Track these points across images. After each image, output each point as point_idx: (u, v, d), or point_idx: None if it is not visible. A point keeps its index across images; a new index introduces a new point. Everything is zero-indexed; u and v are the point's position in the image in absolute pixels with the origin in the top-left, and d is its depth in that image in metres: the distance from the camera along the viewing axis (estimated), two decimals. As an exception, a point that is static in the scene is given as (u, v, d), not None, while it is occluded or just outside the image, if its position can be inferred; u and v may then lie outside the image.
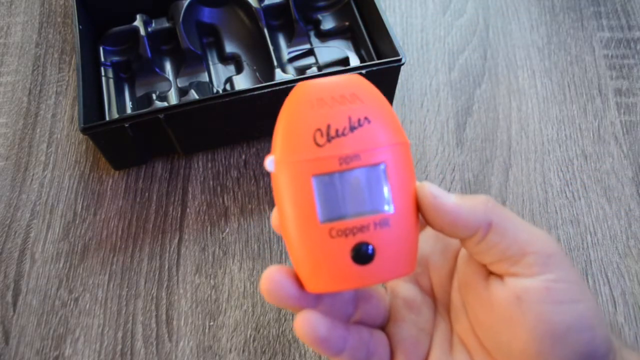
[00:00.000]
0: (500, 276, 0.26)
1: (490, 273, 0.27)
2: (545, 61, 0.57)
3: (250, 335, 0.43)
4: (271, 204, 0.49)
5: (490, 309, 0.26)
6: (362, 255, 0.25)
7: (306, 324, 0.25)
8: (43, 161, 0.52)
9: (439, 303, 0.30)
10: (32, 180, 0.51)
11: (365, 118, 0.25)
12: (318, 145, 0.25)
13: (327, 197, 0.25)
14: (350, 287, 0.26)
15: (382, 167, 0.25)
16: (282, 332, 0.43)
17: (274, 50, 0.52)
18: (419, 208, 0.26)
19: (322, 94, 0.26)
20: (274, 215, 0.27)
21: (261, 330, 0.43)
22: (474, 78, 0.56)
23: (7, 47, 0.59)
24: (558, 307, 0.24)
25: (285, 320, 0.44)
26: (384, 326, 0.30)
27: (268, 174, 0.50)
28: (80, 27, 0.51)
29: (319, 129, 0.25)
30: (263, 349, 0.43)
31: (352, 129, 0.25)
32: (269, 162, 0.26)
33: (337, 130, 0.25)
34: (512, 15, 0.60)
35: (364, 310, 0.30)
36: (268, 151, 0.52)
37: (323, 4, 0.58)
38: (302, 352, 0.42)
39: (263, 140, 0.52)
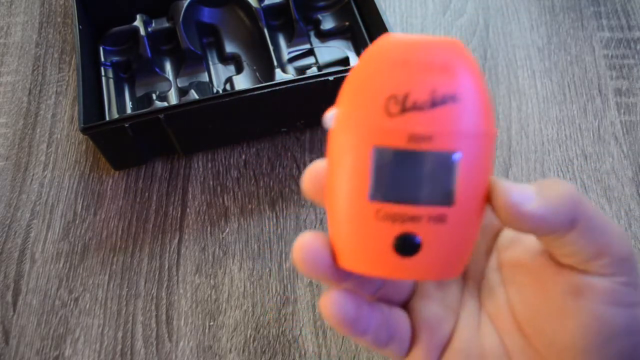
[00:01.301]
0: (564, 265, 0.24)
1: (552, 257, 0.25)
2: (545, 61, 0.57)
3: (250, 335, 0.43)
4: (271, 204, 0.49)
5: (542, 295, 0.25)
6: (405, 246, 0.22)
7: (334, 305, 0.24)
8: (43, 161, 0.52)
9: (469, 280, 0.28)
10: (32, 180, 0.51)
11: (453, 96, 0.22)
12: (389, 114, 0.22)
13: (383, 173, 0.22)
14: (386, 276, 0.23)
15: (456, 156, 0.22)
16: (282, 332, 0.43)
17: (274, 50, 0.52)
18: (493, 209, 0.23)
19: (410, 54, 0.22)
20: (308, 176, 0.24)
21: (261, 330, 0.43)
22: (474, 78, 0.56)
23: (7, 47, 0.59)
24: (617, 309, 0.23)
25: (285, 320, 0.44)
26: (407, 301, 0.28)
27: (268, 174, 0.50)
28: (80, 27, 0.51)
29: (395, 96, 0.22)
30: (263, 349, 0.43)
31: (434, 104, 0.21)
32: (329, 117, 0.23)
33: (415, 102, 0.21)
34: (512, 15, 0.60)
35: (392, 284, 0.28)
36: (268, 151, 0.52)
37: (323, 4, 0.58)
38: (302, 352, 0.42)
39: (263, 140, 0.52)
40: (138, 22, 0.55)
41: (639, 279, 0.24)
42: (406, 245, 0.22)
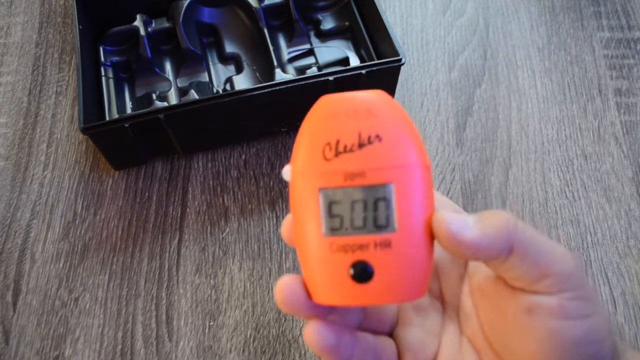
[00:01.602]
0: (515, 288, 0.26)
1: (505, 283, 0.27)
2: (545, 61, 0.57)
3: (250, 335, 0.43)
4: (271, 204, 0.49)
5: (502, 316, 0.27)
6: (359, 273, 0.25)
7: (315, 333, 0.26)
8: (43, 161, 0.52)
9: (448, 306, 0.31)
10: (32, 180, 0.51)
11: (377, 136, 0.25)
12: (326, 159, 0.25)
13: (330, 210, 0.25)
14: (350, 304, 0.26)
15: (389, 187, 0.25)
16: (282, 332, 0.43)
17: (274, 50, 0.52)
18: (436, 237, 0.25)
19: (337, 108, 0.26)
20: (284, 226, 0.28)
21: (261, 330, 0.43)
22: (474, 78, 0.56)
23: (7, 47, 0.59)
24: (569, 322, 0.25)
25: (285, 320, 0.44)
26: (392, 330, 0.31)
27: (268, 174, 0.50)
28: (80, 27, 0.51)
29: (329, 143, 0.25)
30: (263, 349, 0.43)
31: (361, 145, 0.25)
32: (285, 171, 0.27)
33: (345, 146, 0.25)
34: (512, 15, 0.60)
35: (374, 316, 0.30)
36: (268, 151, 0.52)
37: (323, 4, 0.58)
38: (302, 352, 0.42)
39: (263, 140, 0.52)
40: (138, 22, 0.55)
41: (588, 292, 0.25)
42: (360, 272, 0.25)
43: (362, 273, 0.25)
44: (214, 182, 0.50)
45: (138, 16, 0.55)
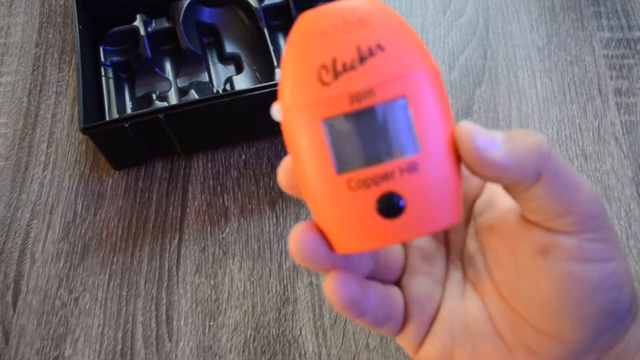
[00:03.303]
0: (532, 222, 0.24)
1: (521, 216, 0.25)
2: (545, 61, 0.57)
3: (250, 335, 0.43)
4: (271, 204, 0.49)
5: (513, 257, 0.25)
6: (389, 207, 0.22)
7: (340, 286, 0.24)
8: (43, 161, 0.52)
9: (452, 250, 0.29)
10: (32, 180, 0.51)
11: (378, 45, 0.21)
12: (324, 83, 0.21)
13: (341, 143, 0.22)
14: (382, 245, 0.23)
15: (402, 101, 0.21)
16: (282, 332, 0.43)
17: (274, 50, 0.52)
18: (460, 152, 0.22)
19: (324, 23, 0.22)
20: (282, 172, 0.24)
21: (261, 330, 0.43)
22: (474, 78, 0.56)
23: (7, 47, 0.59)
24: (587, 265, 0.23)
25: (285, 320, 0.44)
26: (399, 279, 0.28)
27: (268, 174, 0.50)
28: (80, 27, 0.51)
29: (324, 65, 0.22)
30: (263, 349, 0.43)
31: (362, 59, 0.21)
32: (275, 110, 0.23)
33: (344, 64, 0.21)
34: (512, 15, 0.60)
35: (384, 263, 0.28)
36: (268, 151, 0.52)
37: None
38: (302, 352, 0.42)
39: (263, 140, 0.52)
40: (138, 22, 0.55)
41: (610, 235, 0.23)
42: (390, 205, 0.22)
43: (393, 206, 0.22)
44: (214, 182, 0.50)
45: (138, 16, 0.55)
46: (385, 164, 0.21)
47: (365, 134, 0.21)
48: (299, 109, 0.22)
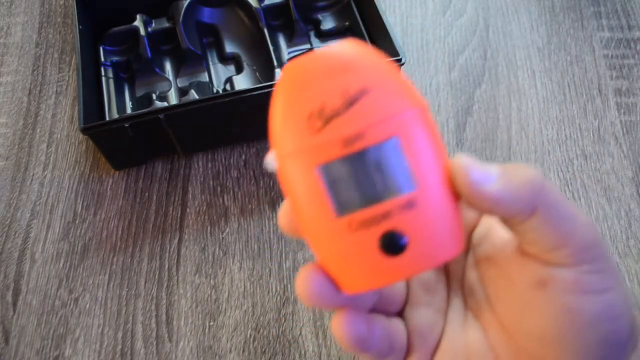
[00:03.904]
0: (528, 255, 0.24)
1: (518, 248, 0.25)
2: (545, 61, 0.57)
3: (250, 335, 0.43)
4: (271, 204, 0.49)
5: (512, 289, 0.25)
6: (391, 245, 0.22)
7: (347, 327, 0.24)
8: (43, 161, 0.52)
9: (452, 279, 0.29)
10: (32, 180, 0.51)
11: (363, 89, 0.22)
12: (315, 130, 0.22)
13: (338, 187, 0.22)
14: (388, 283, 0.23)
15: (393, 141, 0.22)
16: (282, 332, 0.43)
17: (274, 50, 0.52)
18: (456, 186, 0.23)
19: (309, 71, 0.23)
20: (282, 216, 0.25)
21: (261, 330, 0.43)
22: (474, 78, 0.56)
23: (7, 47, 0.59)
24: (586, 297, 0.23)
25: (285, 320, 0.44)
26: (401, 310, 0.29)
27: (268, 174, 0.50)
28: (80, 27, 0.51)
29: (313, 112, 0.22)
30: (263, 349, 0.43)
31: (349, 104, 0.22)
32: (270, 160, 0.24)
33: (332, 110, 0.22)
34: (512, 15, 0.60)
35: (386, 296, 0.28)
36: (268, 151, 0.51)
37: (323, 4, 0.58)
38: (302, 352, 0.42)
39: (263, 140, 0.52)
40: (138, 22, 0.55)
41: (607, 265, 0.23)
42: (392, 243, 0.22)
43: (395, 244, 0.22)
44: (214, 182, 0.50)
45: (138, 16, 0.55)
46: (383, 203, 0.22)
47: (361, 176, 0.22)
48: (294, 157, 0.22)
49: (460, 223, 0.23)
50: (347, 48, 0.23)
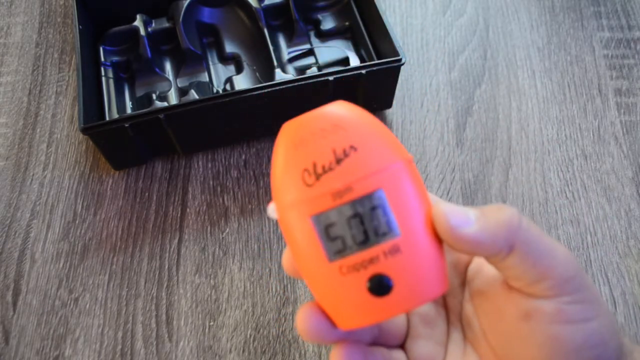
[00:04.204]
0: (514, 288, 0.26)
1: (504, 282, 0.27)
2: (545, 61, 0.57)
3: (250, 335, 0.43)
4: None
5: (501, 321, 0.26)
6: (378, 287, 0.24)
7: (345, 359, 0.26)
8: (43, 161, 0.52)
9: (451, 313, 0.31)
10: (32, 180, 0.51)
11: (351, 147, 0.24)
12: (308, 185, 0.25)
13: (329, 234, 0.24)
14: (376, 321, 0.25)
15: (379, 193, 0.24)
16: (282, 332, 0.43)
17: (274, 50, 0.52)
18: (437, 229, 0.25)
19: (303, 132, 0.25)
20: (285, 259, 0.27)
21: (261, 330, 0.43)
22: (474, 78, 0.56)
23: (7, 47, 0.59)
24: (569, 326, 0.24)
25: (285, 320, 0.44)
26: (403, 343, 0.31)
27: (268, 174, 0.50)
28: (80, 27, 0.51)
29: (306, 169, 0.25)
30: (263, 349, 0.43)
31: (338, 161, 0.24)
32: (271, 209, 0.26)
33: (323, 167, 0.24)
34: (512, 15, 0.60)
35: (387, 329, 0.30)
36: (268, 151, 0.52)
37: (323, 4, 0.58)
38: (302, 352, 0.42)
39: (263, 140, 0.52)
40: (138, 22, 0.55)
41: (589, 295, 0.25)
42: (379, 286, 0.24)
43: (381, 286, 0.24)
44: (214, 182, 0.50)
45: (138, 16, 0.55)
46: (371, 249, 0.24)
47: (350, 224, 0.24)
48: (291, 208, 0.25)
49: (443, 264, 0.26)
50: (338, 109, 0.26)
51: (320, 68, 0.54)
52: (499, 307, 0.27)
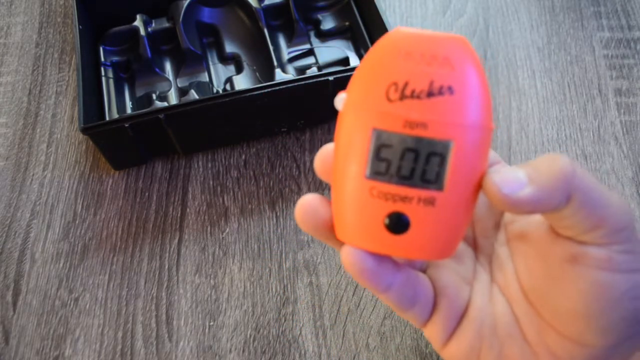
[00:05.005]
0: (562, 236, 0.25)
1: (551, 229, 0.26)
2: (545, 61, 0.57)
3: (250, 335, 0.43)
4: (271, 204, 0.49)
5: (543, 263, 0.26)
6: (394, 224, 0.24)
7: (353, 255, 0.25)
8: (43, 161, 0.52)
9: (480, 253, 0.30)
10: (32, 180, 0.51)
11: (449, 87, 0.23)
12: (389, 99, 0.23)
13: (380, 154, 0.23)
14: (377, 251, 0.25)
15: (448, 145, 0.23)
16: (282, 332, 0.43)
17: (274, 50, 0.52)
18: (490, 201, 0.24)
19: (413, 47, 0.23)
20: (319, 158, 0.26)
21: (261, 330, 0.43)
22: (474, 78, 0.56)
23: (7, 47, 0.59)
24: (615, 275, 0.24)
25: (285, 320, 0.44)
26: (424, 270, 0.30)
27: (268, 174, 0.50)
28: (80, 27, 0.51)
29: (395, 83, 0.23)
30: (263, 349, 0.43)
31: (430, 94, 0.23)
32: (339, 100, 0.25)
33: (413, 91, 0.23)
34: (512, 15, 0.60)
35: None
36: (268, 151, 0.52)
37: (323, 4, 0.58)
38: (302, 352, 0.42)
39: (263, 140, 0.52)
40: (138, 22, 0.55)
41: (638, 247, 0.24)
42: (396, 224, 0.24)
43: (398, 224, 0.24)
44: (214, 182, 0.50)
45: (138, 16, 0.55)
46: (409, 189, 0.23)
47: (404, 156, 0.23)
48: (360, 111, 0.24)
49: (461, 235, 0.25)
50: (458, 45, 0.24)
51: (320, 68, 0.54)
52: (541, 249, 0.26)
